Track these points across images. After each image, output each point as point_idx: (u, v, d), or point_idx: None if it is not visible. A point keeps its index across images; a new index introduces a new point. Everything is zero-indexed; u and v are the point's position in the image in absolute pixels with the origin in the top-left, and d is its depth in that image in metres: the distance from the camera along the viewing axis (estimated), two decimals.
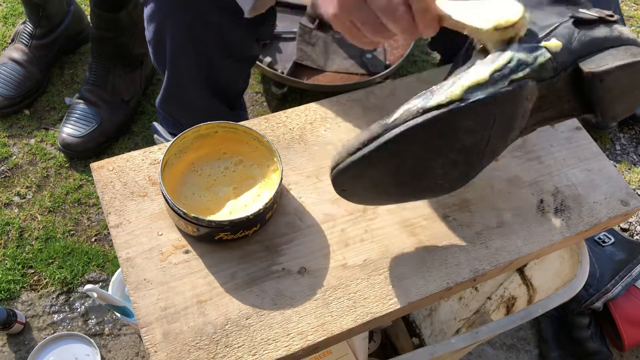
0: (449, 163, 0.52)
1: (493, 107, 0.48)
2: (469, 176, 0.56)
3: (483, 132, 0.50)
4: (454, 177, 0.54)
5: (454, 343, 0.62)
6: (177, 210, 0.54)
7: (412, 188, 0.54)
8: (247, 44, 0.95)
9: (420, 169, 0.51)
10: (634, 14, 1.78)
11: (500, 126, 0.51)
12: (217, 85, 0.97)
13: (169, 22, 0.86)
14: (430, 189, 0.55)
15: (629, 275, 1.09)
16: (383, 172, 0.51)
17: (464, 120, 0.48)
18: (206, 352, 0.52)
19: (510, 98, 0.49)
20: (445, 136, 0.49)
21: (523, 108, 0.51)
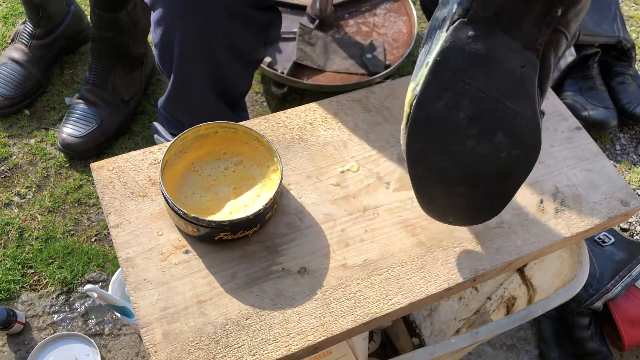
0: (481, 136, 0.50)
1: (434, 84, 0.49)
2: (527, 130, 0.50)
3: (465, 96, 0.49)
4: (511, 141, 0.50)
5: (454, 343, 0.62)
6: (177, 211, 0.54)
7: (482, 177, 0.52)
8: (255, 48, 0.95)
9: (462, 160, 0.51)
10: (634, 14, 1.78)
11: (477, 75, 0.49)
12: (223, 88, 0.97)
13: (177, 26, 0.86)
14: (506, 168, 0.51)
15: (629, 275, 1.09)
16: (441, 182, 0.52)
17: (432, 102, 0.49)
18: (206, 352, 0.52)
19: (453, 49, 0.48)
20: (436, 127, 0.50)
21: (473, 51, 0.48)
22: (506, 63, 0.49)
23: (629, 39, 1.47)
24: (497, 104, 0.49)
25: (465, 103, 0.49)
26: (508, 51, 0.49)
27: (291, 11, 1.49)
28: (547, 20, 0.48)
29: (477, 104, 0.49)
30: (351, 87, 1.35)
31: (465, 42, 0.48)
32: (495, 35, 0.49)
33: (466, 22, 0.49)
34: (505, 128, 0.50)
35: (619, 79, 1.50)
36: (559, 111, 0.73)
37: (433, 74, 0.49)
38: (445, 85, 0.49)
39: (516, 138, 0.50)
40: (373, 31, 1.48)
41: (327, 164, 0.65)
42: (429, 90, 0.50)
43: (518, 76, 0.49)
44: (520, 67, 0.49)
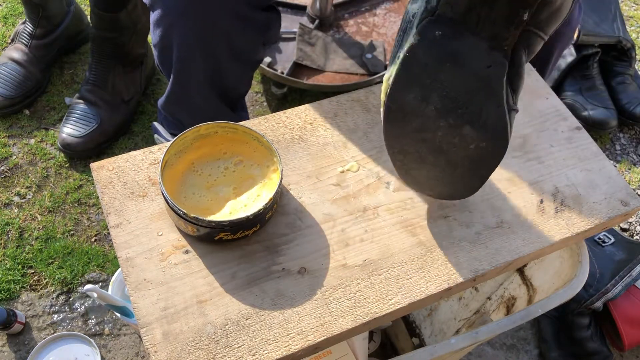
0: (449, 128, 0.53)
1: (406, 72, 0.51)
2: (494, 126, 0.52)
3: (434, 91, 0.51)
4: (480, 135, 0.53)
5: (454, 343, 0.62)
6: (177, 211, 0.54)
7: (454, 164, 0.55)
8: (255, 48, 0.95)
9: (433, 148, 0.54)
10: (634, 14, 1.78)
11: (444, 73, 0.50)
12: (222, 88, 0.97)
13: (176, 27, 0.86)
14: (477, 157, 0.54)
15: (629, 275, 1.09)
16: (417, 164, 0.56)
17: (404, 93, 0.52)
18: (206, 352, 0.52)
19: (420, 46, 0.50)
20: (408, 116, 0.53)
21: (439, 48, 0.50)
22: (472, 63, 0.50)
23: (629, 39, 1.47)
24: (463, 101, 0.52)
25: (433, 97, 0.52)
26: (474, 51, 0.50)
27: (291, 11, 1.49)
28: (515, 23, 0.49)
29: (444, 100, 0.52)
30: (351, 87, 1.35)
31: (432, 41, 0.50)
32: (461, 35, 0.50)
33: (434, 21, 0.50)
34: (472, 123, 0.52)
35: (619, 79, 1.50)
36: (559, 111, 0.73)
37: (403, 68, 0.52)
38: (414, 79, 0.52)
39: (483, 132, 0.53)
40: (373, 31, 1.48)
41: (327, 164, 0.65)
42: (400, 83, 0.52)
43: (484, 76, 0.50)
44: (487, 67, 0.50)
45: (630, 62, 1.50)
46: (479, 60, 0.50)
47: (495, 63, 0.50)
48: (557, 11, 0.50)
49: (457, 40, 0.50)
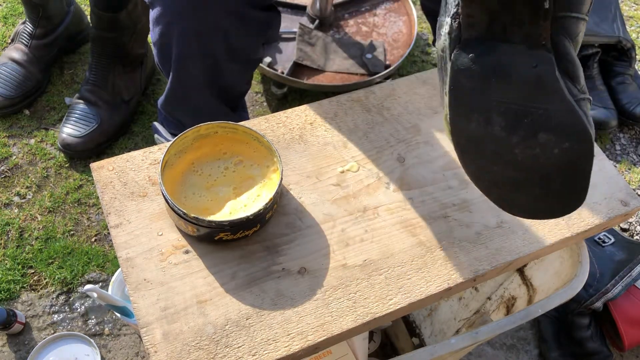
0: (524, 141, 0.50)
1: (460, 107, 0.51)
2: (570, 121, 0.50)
3: (493, 111, 0.50)
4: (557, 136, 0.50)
5: (454, 343, 0.62)
6: (177, 211, 0.54)
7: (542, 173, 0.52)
8: (254, 47, 0.95)
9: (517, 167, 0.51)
10: (634, 14, 1.78)
11: (496, 90, 0.50)
12: (221, 87, 0.97)
13: (175, 25, 0.86)
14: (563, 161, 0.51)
15: (629, 275, 1.09)
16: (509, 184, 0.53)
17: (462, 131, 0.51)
18: (206, 352, 0.52)
19: (460, 75, 0.50)
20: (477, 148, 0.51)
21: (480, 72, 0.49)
22: (517, 69, 0.49)
23: (629, 39, 1.47)
24: (524, 108, 0.50)
25: (494, 117, 0.50)
26: (514, 57, 0.49)
27: (291, 11, 1.49)
28: (541, 15, 0.47)
29: (506, 115, 0.50)
30: (351, 87, 1.35)
31: (470, 66, 0.49)
32: (495, 48, 0.49)
33: (463, 47, 0.50)
34: (544, 127, 0.50)
35: (619, 79, 1.50)
36: None
37: (454, 102, 0.51)
38: (468, 108, 0.51)
39: (560, 132, 0.50)
40: (373, 31, 1.48)
41: (327, 164, 0.65)
42: (457, 117, 0.51)
43: (534, 77, 0.49)
44: (533, 67, 0.49)
45: (630, 62, 1.50)
46: (522, 64, 0.49)
47: (540, 61, 0.48)
48: None
49: (492, 54, 0.49)
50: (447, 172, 0.66)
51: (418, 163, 0.66)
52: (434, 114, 0.71)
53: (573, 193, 0.53)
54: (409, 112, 0.71)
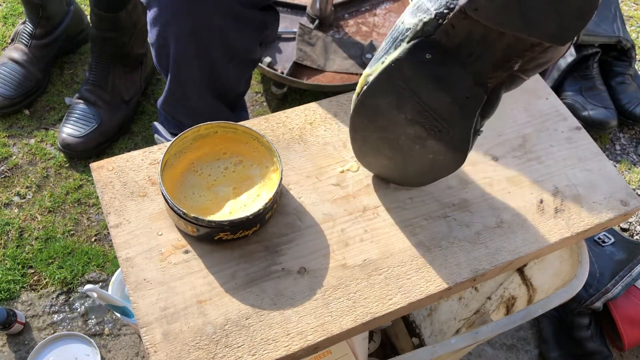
0: (414, 138, 0.56)
1: (386, 82, 0.53)
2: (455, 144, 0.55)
3: (410, 103, 0.53)
4: (439, 149, 0.56)
5: (454, 343, 0.62)
6: (177, 210, 0.54)
7: (414, 166, 0.59)
8: (251, 47, 0.95)
9: (397, 148, 0.58)
10: (634, 14, 1.78)
11: (423, 91, 0.52)
12: (219, 87, 0.97)
13: (172, 26, 0.86)
14: (434, 165, 0.58)
15: (629, 275, 1.09)
16: (373, 151, 0.60)
17: (377, 98, 0.54)
18: (206, 352, 0.52)
19: (407, 62, 0.51)
20: (377, 115, 0.56)
21: (427, 71, 0.51)
22: (453, 91, 0.52)
23: (629, 39, 1.47)
24: (434, 120, 0.54)
25: (407, 108, 0.54)
26: (458, 82, 0.51)
27: (291, 11, 1.49)
28: (505, 67, 0.50)
29: (417, 114, 0.54)
30: (351, 87, 1.35)
31: (420, 61, 0.51)
32: (450, 64, 0.50)
33: (426, 43, 0.50)
34: (438, 139, 0.55)
35: (618, 79, 1.50)
36: (559, 111, 0.73)
37: (385, 75, 0.53)
38: (393, 88, 0.53)
39: (444, 149, 0.56)
40: (373, 31, 1.48)
41: (326, 164, 0.65)
42: (378, 86, 0.54)
43: (461, 105, 0.52)
44: (466, 97, 0.52)
45: (630, 62, 1.50)
46: (460, 90, 0.52)
47: (475, 96, 0.52)
48: (547, 63, 0.51)
49: (444, 67, 0.51)
50: None
51: None
52: None
53: (417, 182, 0.64)
54: None
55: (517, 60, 0.50)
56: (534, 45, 0.49)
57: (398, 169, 0.61)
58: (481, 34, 0.49)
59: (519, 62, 0.50)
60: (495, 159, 0.67)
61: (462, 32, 0.49)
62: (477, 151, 0.68)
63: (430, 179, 0.62)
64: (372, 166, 0.64)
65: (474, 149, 0.68)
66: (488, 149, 0.68)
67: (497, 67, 0.51)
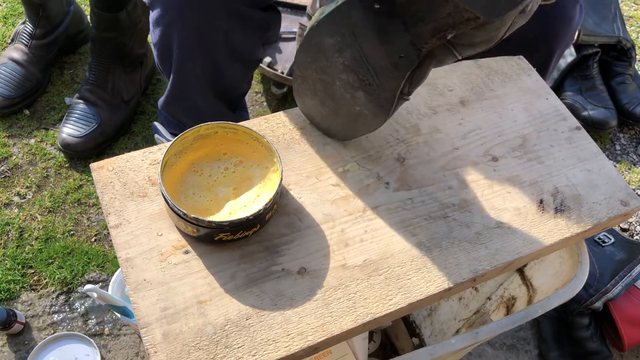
0: (347, 85, 0.60)
1: (333, 23, 0.55)
2: (380, 102, 0.60)
3: (351, 49, 0.57)
4: (364, 102, 0.60)
5: (454, 343, 0.62)
6: (177, 211, 0.54)
7: (342, 115, 0.63)
8: (254, 48, 0.95)
9: (330, 93, 0.61)
10: (634, 14, 1.78)
11: (365, 39, 0.56)
12: (221, 88, 0.97)
13: (176, 26, 0.86)
14: (358, 118, 0.62)
15: (629, 275, 1.09)
16: (311, 98, 0.63)
17: (323, 36, 0.57)
18: (206, 352, 0.52)
19: (356, 8, 0.54)
20: (320, 55, 0.58)
21: (374, 20, 0.54)
22: (390, 47, 0.56)
23: (629, 39, 1.47)
24: (368, 72, 0.58)
25: (347, 54, 0.57)
26: (397, 38, 0.55)
27: (291, 11, 1.49)
28: (439, 36, 0.54)
29: (355, 61, 0.57)
30: None
31: (369, 10, 0.54)
32: (394, 20, 0.54)
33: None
34: (366, 91, 0.59)
35: (618, 79, 1.50)
36: (559, 111, 0.73)
37: (334, 17, 0.56)
38: (339, 31, 0.56)
39: (369, 103, 0.60)
40: None
41: (326, 164, 0.65)
42: (326, 26, 0.56)
43: (394, 62, 0.56)
44: (399, 56, 0.56)
45: (630, 62, 1.50)
46: (397, 47, 0.55)
47: (408, 57, 0.56)
48: (478, 45, 0.56)
49: (388, 20, 0.54)
50: (447, 172, 0.66)
51: (418, 163, 0.66)
52: (434, 114, 0.71)
53: (342, 134, 0.66)
54: (408, 112, 0.71)
55: (452, 31, 0.54)
56: (469, 20, 0.53)
57: (329, 116, 0.64)
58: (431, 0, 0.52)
59: (453, 33, 0.54)
60: (495, 159, 0.67)
61: None
62: (477, 151, 0.68)
63: (354, 132, 0.65)
64: (307, 107, 0.66)
65: (474, 149, 0.68)
66: (488, 149, 0.68)
67: (434, 34, 0.55)
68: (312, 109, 0.66)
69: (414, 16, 0.54)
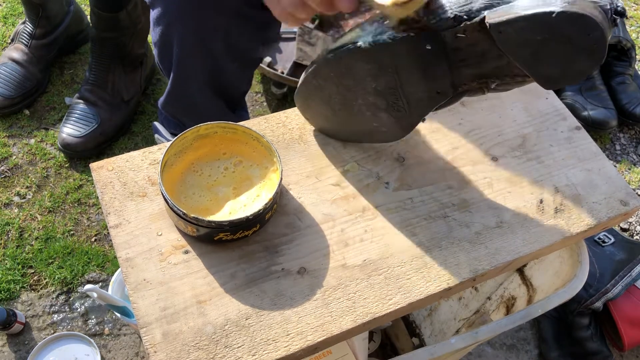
0: (371, 105, 0.59)
1: (376, 53, 0.54)
2: (403, 125, 0.61)
3: (387, 77, 0.55)
4: (386, 122, 0.60)
5: (454, 343, 0.62)
6: (177, 211, 0.54)
7: (354, 126, 0.63)
8: (254, 47, 0.95)
9: (348, 106, 0.60)
10: (634, 14, 1.78)
11: (407, 73, 0.55)
12: (221, 87, 0.97)
13: (176, 25, 0.86)
14: (372, 132, 0.63)
15: (628, 275, 1.09)
16: (319, 104, 0.61)
17: (359, 62, 0.55)
18: (206, 352, 0.52)
19: (407, 44, 0.53)
20: (348, 75, 0.56)
21: (421, 58, 0.53)
22: (430, 84, 0.56)
23: (629, 39, 1.47)
24: (399, 99, 0.58)
25: (382, 81, 0.56)
26: (439, 78, 0.55)
27: None
28: (482, 81, 0.55)
29: (388, 89, 0.57)
30: None
31: (419, 49, 0.53)
32: (441, 61, 0.53)
33: (433, 36, 0.52)
34: (392, 115, 0.59)
35: (618, 79, 1.50)
36: (559, 111, 0.73)
37: (379, 47, 0.53)
38: (380, 60, 0.55)
39: (392, 125, 0.61)
40: None
41: (326, 164, 0.65)
42: (366, 54, 0.54)
43: (430, 96, 0.57)
44: (437, 92, 0.56)
45: (630, 62, 1.50)
46: (437, 85, 0.55)
47: (444, 94, 0.56)
48: (511, 89, 0.56)
49: (435, 60, 0.53)
50: (447, 172, 0.66)
51: (418, 163, 0.66)
52: (434, 113, 0.71)
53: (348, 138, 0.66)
54: None
55: (495, 80, 0.55)
56: (517, 76, 0.53)
57: (336, 122, 0.63)
58: (483, 49, 0.52)
59: (496, 83, 0.55)
60: (495, 159, 0.67)
61: (469, 41, 0.51)
62: (477, 151, 0.68)
63: (361, 140, 0.65)
64: (309, 109, 0.65)
65: (474, 149, 0.68)
66: (488, 149, 0.68)
67: (476, 79, 0.55)
68: (317, 111, 0.65)
69: (462, 61, 0.53)
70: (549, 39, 0.47)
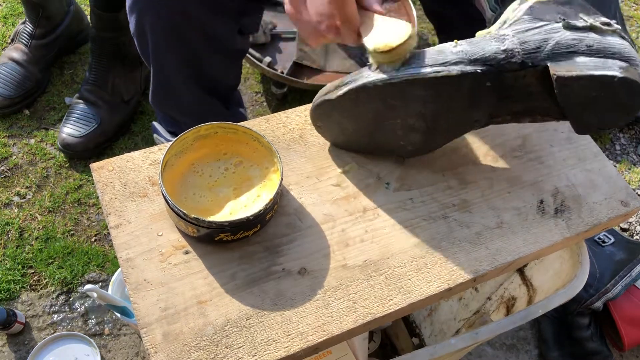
0: (407, 126, 0.59)
1: (439, 83, 0.54)
2: (430, 145, 0.63)
3: (438, 104, 0.56)
4: (415, 142, 0.61)
5: (454, 343, 0.62)
6: (177, 211, 0.54)
7: (376, 141, 0.63)
8: (230, 36, 0.93)
9: (377, 120, 0.59)
10: (634, 14, 1.78)
11: (457, 102, 0.56)
12: (206, 80, 0.95)
13: (148, 14, 0.84)
14: (393, 147, 0.63)
15: (628, 275, 1.09)
16: (346, 117, 0.60)
17: (417, 87, 0.55)
18: (206, 352, 0.52)
19: (469, 79, 0.54)
20: (399, 97, 0.56)
21: (474, 91, 0.55)
22: (474, 114, 0.58)
23: None
24: (439, 123, 0.59)
25: (430, 107, 0.57)
26: (483, 109, 0.58)
27: None
28: (517, 117, 0.60)
29: (434, 115, 0.58)
30: None
31: (479, 83, 0.55)
32: (491, 95, 0.56)
33: (496, 75, 0.54)
34: (424, 136, 0.60)
35: None
36: None
37: (441, 79, 0.54)
38: (436, 89, 0.55)
39: (419, 144, 0.62)
40: None
41: (327, 164, 0.65)
42: (425, 83, 0.54)
43: (467, 123, 0.60)
44: (475, 120, 0.60)
45: None
46: (478, 115, 0.58)
47: (479, 122, 0.60)
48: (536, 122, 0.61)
49: (486, 94, 0.56)
50: (447, 172, 0.66)
51: (418, 163, 0.66)
52: None
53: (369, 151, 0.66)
54: None
55: (528, 117, 0.59)
56: (550, 116, 0.58)
57: (357, 134, 0.62)
58: (533, 91, 0.56)
59: (528, 119, 0.59)
60: (495, 159, 0.67)
61: (525, 83, 0.55)
62: (477, 151, 0.68)
63: (377, 153, 0.65)
64: (329, 119, 0.62)
65: (474, 149, 0.68)
66: (488, 149, 0.68)
67: (514, 115, 0.59)
68: (336, 127, 0.63)
69: (508, 97, 0.57)
70: (602, 96, 0.53)
